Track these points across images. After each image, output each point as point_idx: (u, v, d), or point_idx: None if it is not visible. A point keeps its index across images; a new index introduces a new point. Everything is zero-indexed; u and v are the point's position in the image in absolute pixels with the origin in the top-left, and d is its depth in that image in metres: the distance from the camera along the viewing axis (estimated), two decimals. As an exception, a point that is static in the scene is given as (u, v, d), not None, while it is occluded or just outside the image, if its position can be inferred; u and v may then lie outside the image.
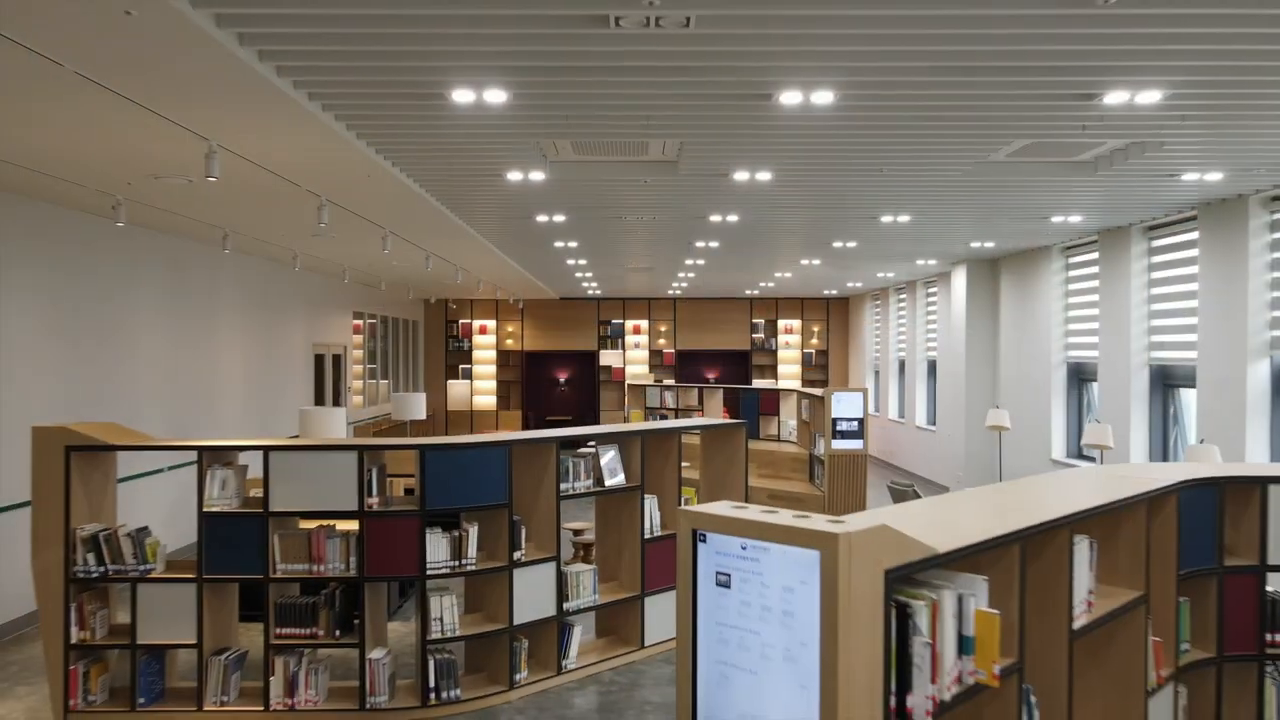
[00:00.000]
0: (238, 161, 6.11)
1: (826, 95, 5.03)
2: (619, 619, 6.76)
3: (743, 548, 2.37)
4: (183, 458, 9.80)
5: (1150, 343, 9.74)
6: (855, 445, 11.16)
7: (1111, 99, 5.08)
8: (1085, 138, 6.06)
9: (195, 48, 3.97)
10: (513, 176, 7.27)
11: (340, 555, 5.57)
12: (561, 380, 22.18)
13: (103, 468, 5.76)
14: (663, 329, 21.86)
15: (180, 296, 10.23)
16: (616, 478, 6.52)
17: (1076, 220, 9.67)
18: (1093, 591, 3.43)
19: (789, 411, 13.38)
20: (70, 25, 3.70)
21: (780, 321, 21.88)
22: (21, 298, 7.54)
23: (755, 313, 21.84)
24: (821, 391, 11.41)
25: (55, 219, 7.96)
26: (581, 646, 6.42)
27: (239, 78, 4.41)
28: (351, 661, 6.11)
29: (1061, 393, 11.81)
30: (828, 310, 21.87)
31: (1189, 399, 9.28)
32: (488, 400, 21.88)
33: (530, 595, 5.98)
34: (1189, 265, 9.01)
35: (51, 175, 6.65)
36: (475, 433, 17.16)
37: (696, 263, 14.11)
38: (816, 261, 13.97)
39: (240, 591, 5.94)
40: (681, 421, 7.50)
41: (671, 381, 19.59)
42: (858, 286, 18.76)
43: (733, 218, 9.54)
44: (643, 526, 6.58)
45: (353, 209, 8.24)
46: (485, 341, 21.89)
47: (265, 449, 5.56)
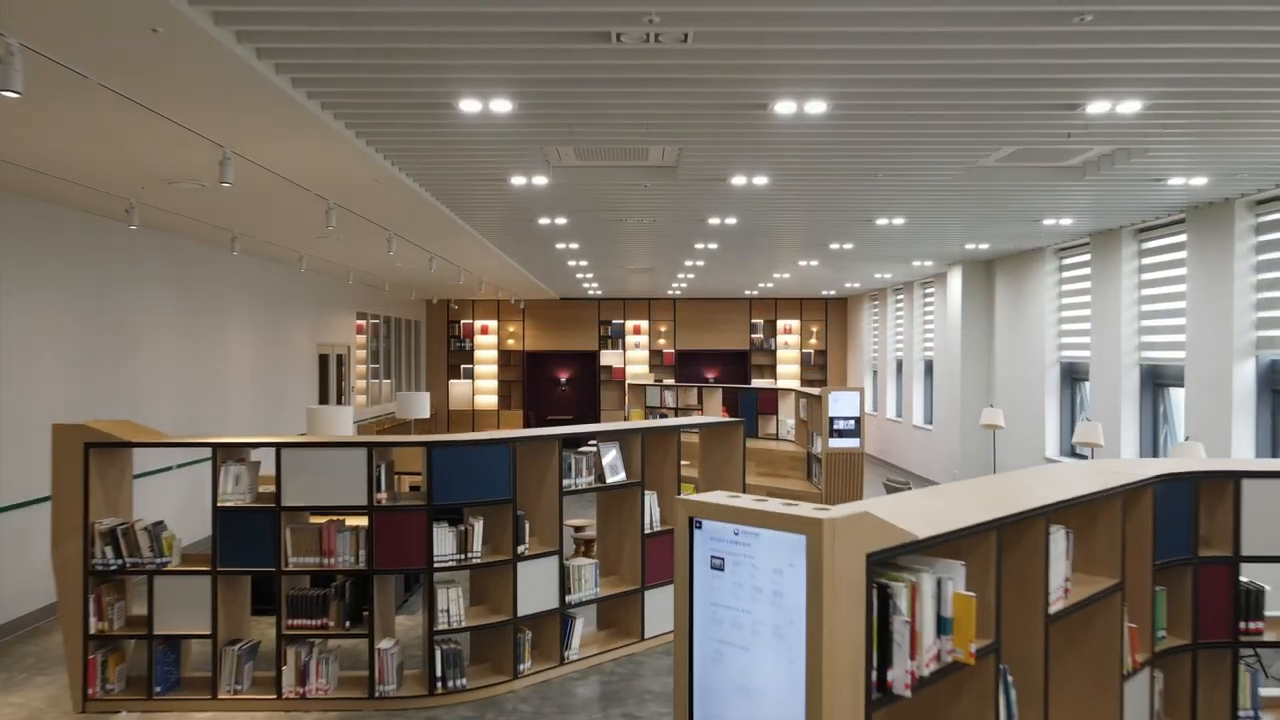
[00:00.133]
0: (250, 167, 6.30)
1: (819, 105, 5.22)
2: (620, 612, 6.94)
3: (735, 533, 2.56)
4: (191, 456, 10.00)
5: (1141, 343, 9.91)
6: (852, 444, 11.35)
7: (1094, 109, 5.27)
8: (1071, 144, 6.24)
9: (215, 61, 4.16)
10: (516, 181, 7.46)
11: (350, 549, 5.75)
12: (562, 380, 22.34)
13: (119, 464, 5.95)
14: (663, 329, 22.02)
15: (189, 297, 10.42)
16: (618, 475, 6.70)
17: (1068, 223, 9.85)
18: (1069, 579, 3.61)
19: (787, 411, 13.55)
20: (98, 41, 3.89)
21: (779, 322, 22.02)
22: (37, 297, 7.73)
23: (754, 313, 21.99)
24: (819, 391, 11.58)
25: (70, 222, 8.14)
26: (583, 638, 6.60)
27: (256, 89, 4.60)
28: (361, 652, 6.30)
29: (1055, 392, 11.98)
30: (826, 311, 22.02)
31: (1178, 398, 9.45)
32: (489, 400, 22.05)
33: (534, 588, 6.16)
34: (1178, 267, 9.16)
35: (70, 180, 6.84)
36: (477, 432, 17.30)
37: (696, 264, 14.25)
38: (814, 263, 14.10)
39: (251, 586, 6.12)
40: (681, 420, 7.68)
41: (671, 381, 19.75)
42: (856, 287, 18.91)
43: (731, 220, 9.72)
44: (643, 521, 6.75)
45: (359, 212, 8.42)
46: (487, 341, 22.06)
47: (278, 446, 5.74)
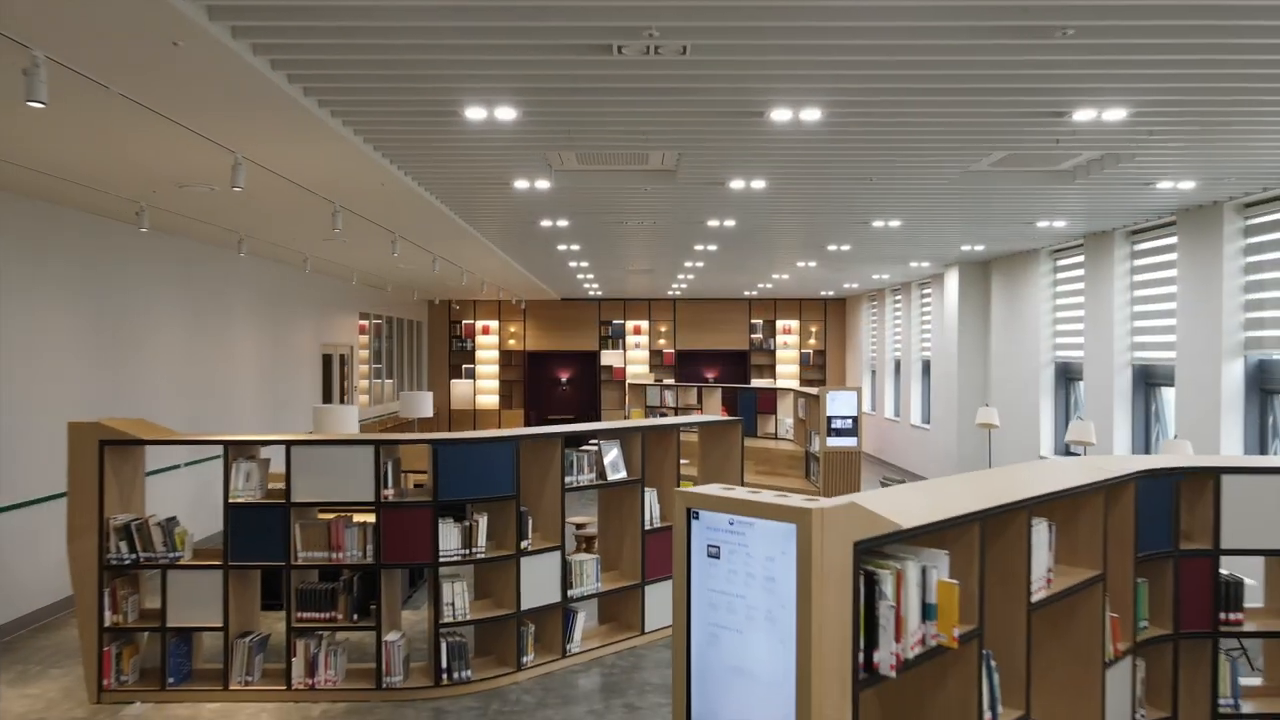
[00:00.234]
0: (259, 171, 6.46)
1: (814, 113, 5.38)
2: (621, 606, 7.09)
3: (730, 523, 2.71)
4: (199, 454, 10.15)
5: (1133, 343, 10.06)
6: (850, 443, 11.51)
7: (1080, 116, 5.43)
8: (1060, 150, 6.39)
9: (231, 72, 4.32)
10: (519, 185, 7.61)
11: (358, 543, 5.91)
12: (563, 380, 22.49)
13: (132, 461, 6.11)
14: (663, 329, 22.16)
15: (194, 297, 10.57)
16: (618, 472, 6.86)
17: (1061, 225, 10.00)
18: (1051, 569, 3.77)
19: (786, 410, 13.71)
20: (119, 54, 4.05)
21: (778, 322, 22.16)
22: (48, 298, 7.88)
23: (754, 313, 22.13)
24: (817, 390, 11.73)
25: (80, 224, 8.30)
26: (585, 632, 6.75)
27: (269, 97, 4.76)
28: (368, 644, 6.46)
29: (1049, 391, 12.14)
30: (825, 311, 22.16)
31: (1169, 397, 9.61)
32: (490, 399, 22.20)
33: (536, 582, 6.31)
34: (1169, 269, 9.31)
35: (83, 184, 7.00)
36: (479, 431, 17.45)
37: (695, 265, 14.39)
38: (812, 264, 14.24)
39: (260, 582, 6.28)
40: (680, 419, 7.84)
41: (671, 381, 19.89)
42: (854, 288, 19.05)
43: (730, 222, 9.87)
44: (643, 518, 6.91)
45: (365, 215, 8.58)
46: (488, 341, 22.21)
47: (287, 443, 5.90)
